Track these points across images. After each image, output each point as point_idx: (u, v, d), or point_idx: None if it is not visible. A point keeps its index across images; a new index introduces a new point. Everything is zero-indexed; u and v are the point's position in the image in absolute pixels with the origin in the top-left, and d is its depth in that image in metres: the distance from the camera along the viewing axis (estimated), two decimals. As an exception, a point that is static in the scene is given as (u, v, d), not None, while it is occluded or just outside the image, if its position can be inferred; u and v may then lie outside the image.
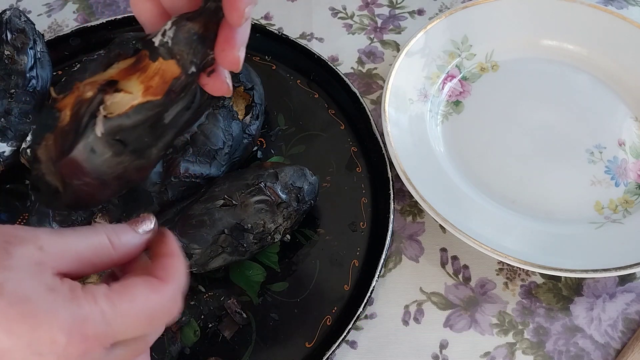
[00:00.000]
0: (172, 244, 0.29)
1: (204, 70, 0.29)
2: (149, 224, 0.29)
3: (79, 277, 0.26)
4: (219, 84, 0.30)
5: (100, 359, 0.25)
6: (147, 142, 0.29)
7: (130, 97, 0.28)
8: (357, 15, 0.66)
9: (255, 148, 0.54)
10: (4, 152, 0.50)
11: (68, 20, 0.66)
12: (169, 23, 0.27)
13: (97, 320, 0.24)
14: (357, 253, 0.49)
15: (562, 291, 0.48)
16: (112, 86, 0.28)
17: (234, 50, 0.28)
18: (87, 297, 0.24)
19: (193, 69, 0.27)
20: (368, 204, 0.51)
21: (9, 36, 0.51)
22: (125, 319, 0.25)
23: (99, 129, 0.28)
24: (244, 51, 0.29)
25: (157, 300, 0.26)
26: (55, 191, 0.30)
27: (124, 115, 0.28)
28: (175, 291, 0.27)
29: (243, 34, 0.29)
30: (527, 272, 0.49)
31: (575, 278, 0.48)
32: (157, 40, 0.27)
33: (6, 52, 0.51)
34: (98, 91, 0.28)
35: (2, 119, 0.50)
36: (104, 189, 0.30)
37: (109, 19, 0.61)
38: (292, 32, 0.63)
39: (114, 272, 0.30)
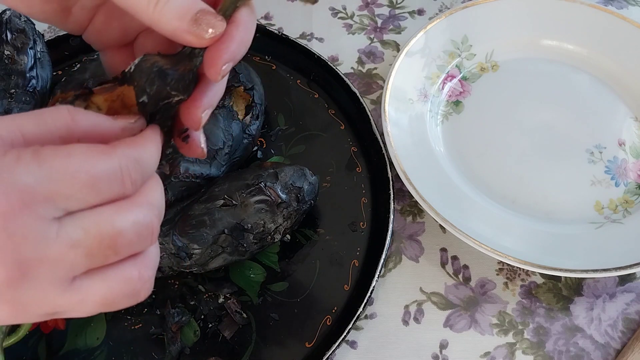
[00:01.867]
0: (146, 130, 0.26)
1: (172, 126, 0.28)
2: (131, 118, 0.26)
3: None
4: (194, 148, 0.30)
5: (47, 231, 0.21)
6: None
7: (95, 110, 0.27)
8: (357, 15, 0.66)
9: (255, 148, 0.54)
10: (4, 152, 0.50)
11: (68, 20, 0.66)
12: (140, 56, 0.27)
13: (18, 176, 0.20)
14: (357, 253, 0.49)
15: (562, 291, 0.48)
16: (86, 97, 0.28)
17: (197, 110, 0.27)
18: (5, 156, 0.21)
19: (144, 99, 0.26)
20: (368, 204, 0.51)
21: (9, 36, 0.51)
22: (61, 176, 0.21)
23: None
24: (208, 114, 0.28)
25: (100, 162, 0.22)
26: None
27: None
28: (124, 159, 0.23)
29: (213, 97, 0.28)
30: (527, 272, 0.49)
31: (575, 278, 0.48)
32: (126, 68, 0.27)
33: (6, 52, 0.51)
34: (73, 97, 0.28)
35: (2, 119, 0.50)
36: None
37: (109, 19, 0.61)
38: (292, 32, 0.63)
39: None
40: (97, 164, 0.22)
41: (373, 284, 0.46)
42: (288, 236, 0.49)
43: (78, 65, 0.58)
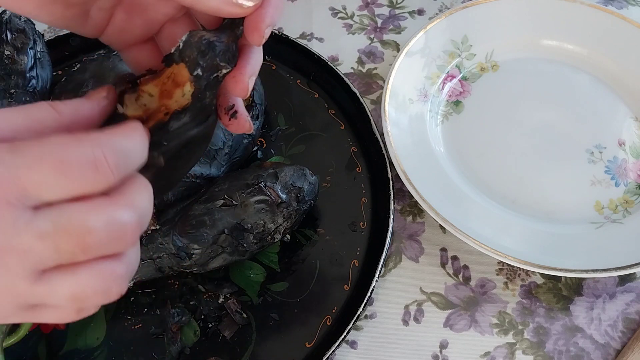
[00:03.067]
0: (130, 123, 0.25)
1: (218, 97, 0.30)
2: (101, 92, 0.27)
3: None
4: (243, 122, 0.31)
5: (17, 219, 0.21)
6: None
7: (149, 98, 0.29)
8: (357, 15, 0.66)
9: (255, 148, 0.54)
10: (4, 152, 0.50)
11: (68, 20, 0.66)
12: (186, 34, 0.28)
13: None
14: (357, 253, 0.49)
15: (562, 291, 0.48)
16: (135, 88, 0.29)
17: (244, 76, 0.29)
18: None
19: (199, 72, 0.28)
20: (368, 204, 0.51)
21: (9, 36, 0.51)
22: (33, 162, 0.21)
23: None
24: (253, 80, 0.30)
25: (70, 148, 0.22)
26: None
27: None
28: (100, 146, 0.22)
29: (255, 64, 0.30)
30: (527, 272, 0.49)
31: (575, 278, 0.48)
32: (173, 49, 0.28)
33: (6, 52, 0.51)
34: (120, 93, 0.29)
35: (2, 119, 0.50)
36: None
37: (109, 19, 0.61)
38: (292, 32, 0.63)
39: None
40: (68, 149, 0.22)
41: (373, 284, 0.46)
42: (288, 236, 0.49)
43: (78, 65, 0.58)
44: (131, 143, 0.24)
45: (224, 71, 0.29)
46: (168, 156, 0.29)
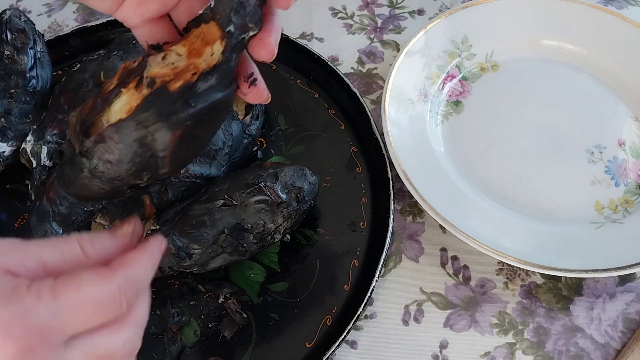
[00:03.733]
0: (148, 242, 0.28)
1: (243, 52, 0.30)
2: (127, 228, 0.28)
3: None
4: (261, 91, 0.32)
5: (54, 357, 0.24)
6: (174, 109, 0.29)
7: (176, 57, 0.29)
8: (357, 15, 0.66)
9: (255, 148, 0.54)
10: (4, 152, 0.50)
11: (68, 20, 0.66)
12: None
13: (39, 315, 0.23)
14: (357, 253, 0.49)
15: (562, 291, 0.48)
16: (158, 50, 0.29)
17: (270, 37, 0.30)
18: (29, 292, 0.23)
19: (231, 28, 0.28)
20: (368, 204, 0.51)
21: (9, 36, 0.51)
22: (73, 310, 0.24)
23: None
24: (276, 46, 0.30)
25: (105, 288, 0.25)
26: (73, 155, 0.30)
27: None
28: (125, 281, 0.26)
29: (278, 30, 0.30)
30: (527, 272, 0.49)
31: (575, 278, 0.48)
32: (202, 10, 0.29)
33: (6, 52, 0.51)
34: (143, 57, 0.29)
35: (2, 119, 0.50)
36: (119, 165, 0.30)
37: (109, 19, 0.61)
38: (292, 32, 0.63)
39: None
40: (102, 290, 0.25)
41: (373, 284, 0.46)
42: (288, 236, 0.49)
43: (78, 65, 0.58)
44: (145, 270, 0.27)
45: (251, 33, 0.29)
46: (195, 120, 0.29)
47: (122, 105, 0.29)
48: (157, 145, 0.29)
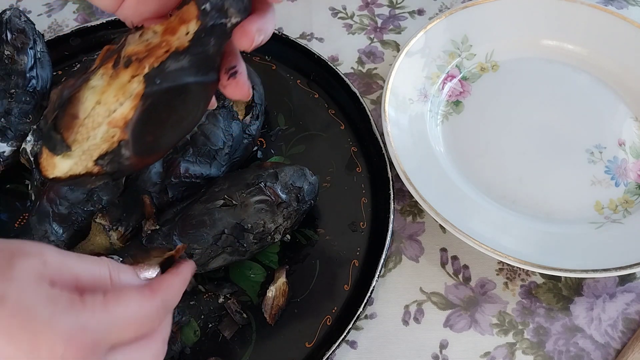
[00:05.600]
0: (181, 267, 0.31)
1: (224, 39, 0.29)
2: (151, 273, 0.31)
3: None
4: (241, 85, 0.31)
5: None
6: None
7: (152, 34, 0.29)
8: (357, 15, 0.66)
9: (255, 148, 0.54)
10: (4, 152, 0.50)
11: (68, 20, 0.66)
12: None
13: (94, 328, 0.25)
14: (357, 253, 0.49)
15: (562, 291, 0.48)
16: (137, 29, 0.29)
17: (252, 26, 0.29)
18: (85, 307, 0.25)
19: (206, 7, 0.28)
20: (368, 204, 0.51)
21: (9, 36, 0.51)
22: (120, 324, 0.26)
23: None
24: (260, 39, 0.30)
25: (147, 307, 0.28)
26: (51, 130, 0.30)
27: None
28: (162, 302, 0.29)
29: (266, 22, 0.30)
30: (527, 272, 0.49)
31: (575, 278, 0.48)
32: None
33: (6, 52, 0.51)
34: (125, 36, 0.29)
35: (2, 119, 0.50)
36: None
37: (109, 19, 0.61)
38: (292, 32, 0.63)
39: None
40: (145, 308, 0.28)
41: (373, 284, 0.46)
42: (288, 236, 0.49)
43: (78, 65, 0.58)
44: (176, 294, 0.30)
45: (233, 20, 0.28)
46: (157, 99, 0.29)
47: (98, 80, 0.29)
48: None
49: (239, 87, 0.31)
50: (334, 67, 0.57)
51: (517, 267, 0.49)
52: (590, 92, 0.58)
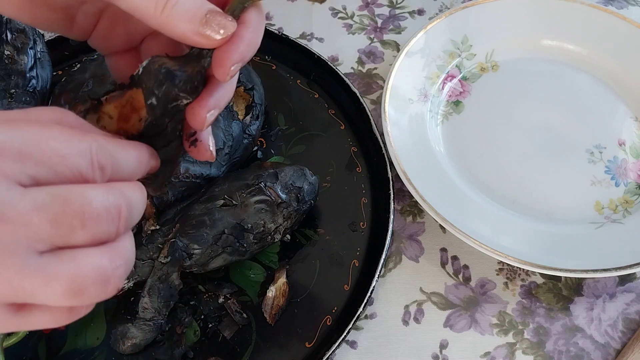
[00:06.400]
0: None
1: (179, 123, 0.28)
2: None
3: None
4: (203, 151, 0.30)
5: (7, 188, 0.20)
6: None
7: (108, 120, 0.28)
8: (357, 15, 0.66)
9: (255, 148, 0.54)
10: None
11: (68, 20, 0.66)
12: (148, 59, 0.27)
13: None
14: (357, 253, 0.49)
15: (562, 291, 0.48)
16: (96, 108, 0.28)
17: (202, 110, 0.27)
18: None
19: (153, 101, 0.27)
20: (368, 204, 0.51)
21: (9, 36, 0.51)
22: (33, 138, 0.21)
23: None
24: (214, 115, 0.28)
25: (73, 139, 0.22)
26: None
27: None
28: (94, 145, 0.23)
29: (221, 98, 0.28)
30: (527, 272, 0.49)
31: (575, 278, 0.48)
32: (135, 72, 0.27)
33: (6, 52, 0.51)
34: (84, 112, 0.28)
35: (2, 119, 0.50)
36: None
37: (109, 19, 0.61)
38: (292, 32, 0.63)
39: None
40: (71, 139, 0.22)
41: (373, 284, 0.46)
42: (288, 236, 0.49)
43: (78, 65, 0.58)
44: (126, 156, 0.25)
45: (185, 101, 0.27)
46: None
47: None
48: None
49: (201, 153, 0.30)
50: (334, 67, 0.57)
51: (517, 267, 0.49)
52: (590, 92, 0.58)
